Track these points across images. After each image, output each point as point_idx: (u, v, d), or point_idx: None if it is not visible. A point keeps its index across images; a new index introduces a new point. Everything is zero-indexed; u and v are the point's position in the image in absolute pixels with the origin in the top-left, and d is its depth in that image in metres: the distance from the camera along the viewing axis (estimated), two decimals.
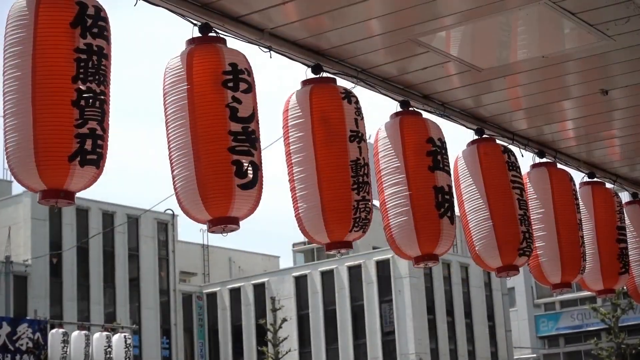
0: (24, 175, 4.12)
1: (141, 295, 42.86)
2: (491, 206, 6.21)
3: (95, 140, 4.11)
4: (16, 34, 4.12)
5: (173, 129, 4.62)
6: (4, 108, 4.14)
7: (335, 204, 5.16)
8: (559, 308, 49.51)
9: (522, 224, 6.27)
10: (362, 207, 5.22)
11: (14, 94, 4.10)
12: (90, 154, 4.10)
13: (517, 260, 6.28)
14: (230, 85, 4.62)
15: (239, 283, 46.19)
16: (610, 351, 34.71)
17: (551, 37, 5.69)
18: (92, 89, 4.11)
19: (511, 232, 6.22)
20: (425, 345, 41.07)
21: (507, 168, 6.33)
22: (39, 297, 38.65)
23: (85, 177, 4.13)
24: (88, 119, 4.09)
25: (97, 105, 4.12)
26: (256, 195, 4.64)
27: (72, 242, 39.63)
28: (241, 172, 4.56)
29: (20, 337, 22.88)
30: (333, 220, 5.17)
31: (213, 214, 4.59)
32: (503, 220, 6.20)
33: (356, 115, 5.29)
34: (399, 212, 5.66)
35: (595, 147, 7.46)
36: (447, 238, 5.70)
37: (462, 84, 6.11)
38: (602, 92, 6.29)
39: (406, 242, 5.67)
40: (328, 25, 5.22)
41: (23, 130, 4.06)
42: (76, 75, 4.08)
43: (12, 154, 4.11)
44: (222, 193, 4.54)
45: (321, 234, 5.24)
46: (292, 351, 40.20)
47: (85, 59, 4.11)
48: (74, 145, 4.06)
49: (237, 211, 4.60)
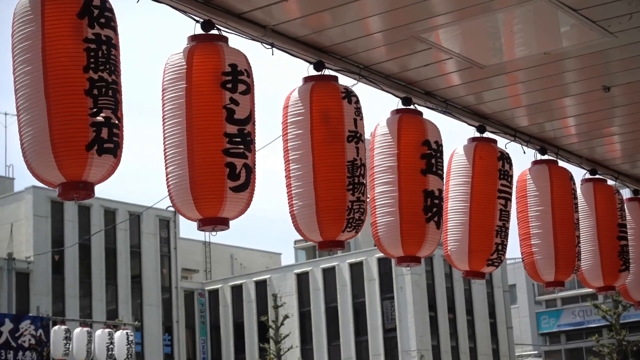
0: (42, 170, 4.11)
1: (143, 292, 42.92)
2: (472, 212, 6.24)
3: (111, 128, 4.12)
4: (24, 29, 4.13)
5: (169, 126, 4.63)
6: (16, 105, 4.14)
7: (330, 203, 5.17)
8: (560, 305, 49.55)
9: (497, 235, 6.30)
10: (356, 207, 5.23)
11: (26, 89, 4.11)
12: (107, 143, 4.10)
13: (484, 269, 6.34)
14: (228, 87, 4.62)
15: (240, 280, 46.22)
16: (612, 348, 34.73)
17: (553, 34, 5.69)
18: (104, 77, 4.11)
19: (485, 242, 6.25)
20: (427, 342, 41.10)
21: (497, 176, 6.33)
22: (41, 293, 38.72)
23: (104, 166, 4.13)
24: (102, 107, 4.09)
25: (110, 94, 4.12)
26: (247, 198, 4.66)
27: (74, 239, 39.68)
28: (234, 174, 4.58)
29: (23, 334, 22.91)
30: (326, 220, 5.19)
31: (203, 214, 4.62)
32: (480, 229, 6.23)
33: (355, 115, 5.29)
34: (386, 211, 5.66)
35: (596, 144, 7.47)
36: (431, 242, 5.72)
37: (464, 80, 6.11)
38: (604, 88, 6.30)
39: (390, 242, 5.69)
40: (330, 22, 5.23)
41: (38, 124, 4.06)
42: (87, 65, 4.08)
43: (29, 148, 4.10)
44: (213, 194, 4.56)
45: (314, 233, 5.26)
46: (294, 348, 40.25)
47: (95, 48, 4.11)
48: (90, 134, 4.06)
49: (227, 212, 4.63)
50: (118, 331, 23.80)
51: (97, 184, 4.20)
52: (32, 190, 39.97)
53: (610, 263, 7.36)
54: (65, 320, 25.13)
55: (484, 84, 6.17)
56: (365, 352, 41.79)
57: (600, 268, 7.33)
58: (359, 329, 42.04)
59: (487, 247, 6.27)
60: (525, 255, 6.80)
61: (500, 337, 44.87)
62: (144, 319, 41.51)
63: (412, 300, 40.72)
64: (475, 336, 43.77)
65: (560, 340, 48.13)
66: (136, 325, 28.64)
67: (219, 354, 46.32)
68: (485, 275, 6.44)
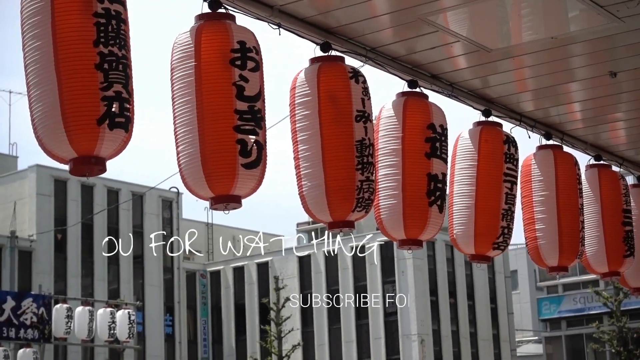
0: (53, 145, 4.10)
1: (145, 272, 42.99)
2: (478, 195, 6.23)
3: (122, 103, 4.10)
4: (33, 4, 4.11)
5: (179, 105, 4.62)
6: (26, 80, 4.13)
7: (339, 183, 5.17)
8: (561, 291, 49.58)
9: (503, 219, 6.29)
10: (365, 187, 5.23)
11: (36, 64, 4.09)
12: (119, 117, 4.09)
13: (490, 253, 6.34)
14: (237, 64, 4.61)
15: (242, 262, 46.30)
16: (612, 335, 34.78)
17: (560, 18, 5.68)
18: (114, 52, 4.10)
19: (491, 225, 6.25)
20: (428, 326, 41.19)
21: (503, 160, 6.33)
22: (44, 272, 38.79)
23: (115, 141, 4.11)
24: (113, 82, 4.08)
25: (120, 69, 4.11)
26: (259, 175, 4.64)
27: (77, 218, 39.73)
28: (245, 151, 4.57)
29: (25, 312, 22.99)
30: (336, 200, 5.18)
31: (216, 192, 4.60)
32: (485, 213, 6.22)
33: (363, 95, 5.29)
34: (389, 194, 5.67)
35: (601, 130, 7.46)
36: (433, 226, 5.72)
37: (470, 64, 6.10)
38: (611, 74, 6.28)
39: (393, 224, 5.69)
40: (337, 3, 5.21)
41: (49, 98, 4.05)
42: (97, 39, 4.07)
43: (40, 123, 4.09)
44: (225, 171, 4.55)
45: (324, 213, 5.25)
46: (295, 330, 40.34)
47: (105, 22, 4.10)
48: (102, 108, 4.04)
49: (239, 190, 4.61)
50: (120, 310, 23.86)
51: (109, 159, 4.18)
52: (36, 168, 40.01)
53: (615, 249, 7.36)
54: (67, 299, 25.21)
55: (490, 67, 6.15)
56: (366, 335, 41.89)
57: (605, 254, 7.33)
58: (360, 312, 42.12)
59: (492, 230, 6.26)
60: (529, 240, 6.80)
61: (501, 322, 44.95)
62: (145, 299, 41.59)
63: (413, 284, 40.78)
64: (476, 321, 43.85)
65: (561, 326, 48.19)
66: (138, 305, 28.71)
67: (220, 335, 46.46)
68: (490, 259, 6.43)
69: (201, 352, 46.18)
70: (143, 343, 40.44)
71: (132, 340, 24.86)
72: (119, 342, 24.73)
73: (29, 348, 22.95)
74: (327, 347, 42.79)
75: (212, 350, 46.50)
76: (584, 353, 45.98)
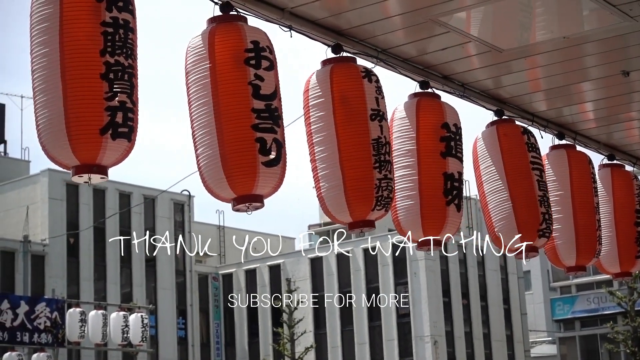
0: (56, 152, 4.12)
1: (157, 275, 43.04)
2: (511, 188, 6.19)
3: (126, 113, 4.12)
4: (42, 11, 4.13)
5: (196, 107, 4.63)
6: (33, 86, 4.15)
7: (358, 182, 5.15)
8: (574, 291, 49.41)
9: (541, 205, 6.26)
10: (384, 185, 5.21)
11: (42, 71, 4.11)
12: (122, 127, 4.11)
13: (536, 242, 6.26)
14: (252, 63, 4.62)
15: (254, 264, 46.31)
16: (627, 335, 34.64)
17: (572, 17, 5.66)
18: (120, 62, 4.11)
19: (531, 213, 6.20)
20: (441, 327, 41.11)
21: (526, 149, 6.32)
22: (57, 276, 38.90)
23: (118, 150, 4.14)
24: (118, 91, 4.09)
25: (125, 79, 4.13)
26: (280, 173, 4.64)
27: (89, 222, 39.81)
28: (265, 149, 4.57)
29: (38, 316, 23.04)
30: (355, 199, 5.16)
31: (237, 192, 4.60)
32: (523, 202, 6.18)
33: (377, 94, 5.28)
34: (406, 195, 5.66)
35: (614, 129, 7.43)
36: (452, 225, 5.70)
37: (482, 64, 6.09)
38: (624, 73, 6.26)
39: (411, 225, 5.69)
40: (348, 5, 5.21)
41: (54, 105, 4.07)
42: (104, 49, 4.09)
43: (44, 129, 4.12)
44: (246, 170, 4.55)
45: (344, 214, 5.23)
46: (308, 332, 40.33)
47: (112, 32, 4.12)
48: (105, 118, 4.07)
49: (261, 189, 4.61)
50: (133, 314, 23.90)
51: (111, 167, 4.21)
52: (48, 173, 40.12)
53: (627, 249, 7.33)
54: (80, 303, 25.26)
55: (502, 67, 6.14)
56: (379, 337, 41.84)
57: (617, 254, 7.30)
58: (373, 314, 42.08)
59: (534, 217, 6.22)
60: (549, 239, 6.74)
61: (514, 323, 44.84)
62: (158, 303, 41.66)
63: (426, 285, 40.72)
64: (489, 322, 43.75)
65: (575, 326, 48.02)
66: (151, 309, 28.75)
67: (233, 338, 46.47)
68: (538, 249, 6.32)
69: (214, 355, 46.20)
70: (156, 346, 40.46)
71: (145, 343, 24.89)
72: (132, 345, 24.77)
73: (43, 352, 23.00)
74: (340, 349, 42.76)
75: (224, 353, 46.52)
76: (599, 353, 45.80)
